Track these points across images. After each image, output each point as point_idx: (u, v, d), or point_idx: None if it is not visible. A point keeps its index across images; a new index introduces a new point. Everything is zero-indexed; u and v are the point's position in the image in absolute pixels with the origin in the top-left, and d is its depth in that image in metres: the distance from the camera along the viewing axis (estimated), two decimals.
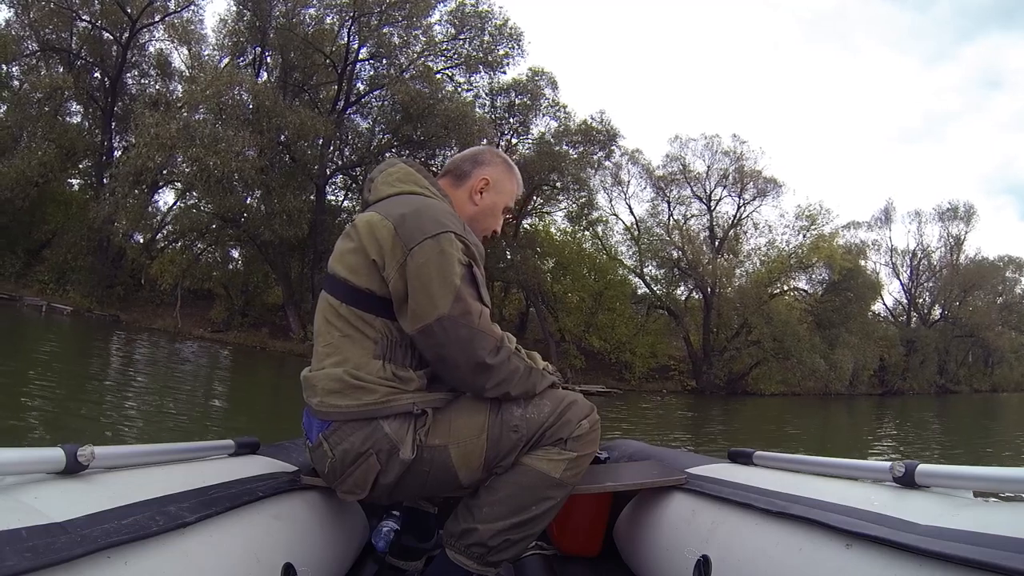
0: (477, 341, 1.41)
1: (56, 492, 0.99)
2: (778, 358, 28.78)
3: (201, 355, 20.68)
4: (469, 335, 1.40)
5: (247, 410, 12.08)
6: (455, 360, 1.41)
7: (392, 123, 25.55)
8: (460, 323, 1.39)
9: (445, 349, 1.40)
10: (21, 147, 24.54)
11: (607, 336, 29.06)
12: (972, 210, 41.56)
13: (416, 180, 1.59)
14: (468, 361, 1.41)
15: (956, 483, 1.15)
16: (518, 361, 1.49)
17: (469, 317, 1.40)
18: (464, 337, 1.40)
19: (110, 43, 26.69)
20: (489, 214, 1.69)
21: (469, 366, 1.41)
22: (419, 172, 1.62)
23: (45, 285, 25.62)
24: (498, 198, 1.70)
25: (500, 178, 1.71)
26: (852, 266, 31.73)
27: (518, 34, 25.88)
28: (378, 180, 1.61)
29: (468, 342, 1.40)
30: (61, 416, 8.62)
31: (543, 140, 28.31)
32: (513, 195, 1.74)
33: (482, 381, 1.43)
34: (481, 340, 1.41)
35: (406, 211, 1.45)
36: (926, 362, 38.82)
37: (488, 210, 1.69)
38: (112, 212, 21.72)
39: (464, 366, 1.42)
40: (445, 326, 1.38)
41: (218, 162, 20.08)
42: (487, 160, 1.72)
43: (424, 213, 1.45)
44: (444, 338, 1.39)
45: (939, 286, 41.53)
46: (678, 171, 32.86)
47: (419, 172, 1.62)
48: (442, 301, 1.38)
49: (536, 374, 1.53)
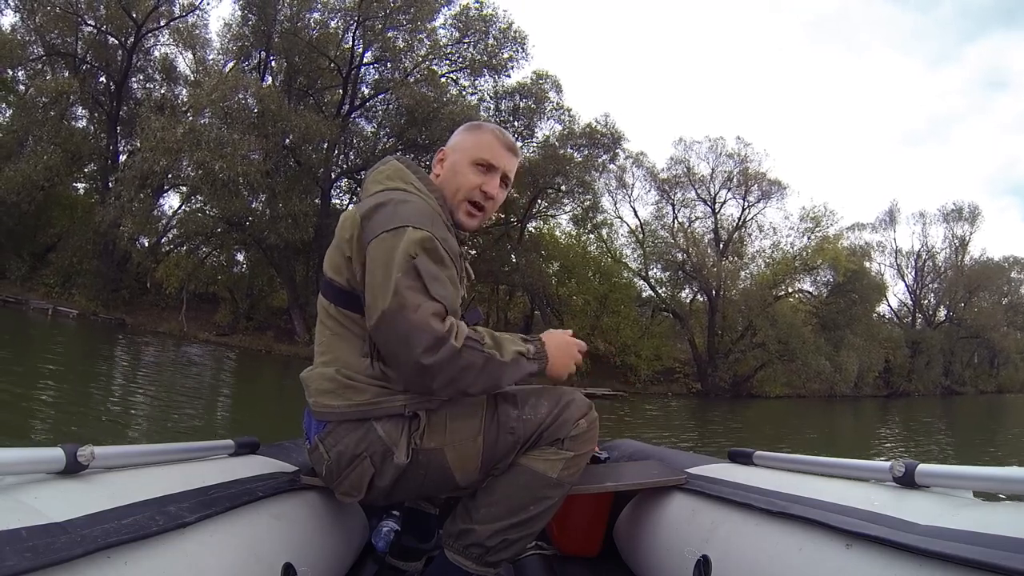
0: (413, 338, 1.30)
1: (56, 492, 1.00)
2: (783, 360, 28.65)
3: (206, 358, 20.68)
4: (406, 331, 1.30)
5: (250, 412, 12.09)
6: (397, 358, 1.34)
7: (397, 127, 25.55)
8: (397, 317, 1.30)
9: (390, 346, 1.34)
10: (27, 151, 24.62)
11: (612, 339, 28.94)
12: (977, 211, 41.32)
13: (403, 176, 1.56)
14: (407, 360, 1.31)
15: (956, 483, 1.15)
16: (472, 356, 1.35)
17: (404, 312, 1.30)
18: (401, 333, 1.31)
19: (115, 48, 26.69)
20: (451, 175, 1.60)
21: (409, 366, 1.32)
22: (410, 169, 1.59)
23: (50, 288, 25.63)
24: (457, 156, 1.62)
25: (457, 140, 1.66)
26: (857, 268, 31.62)
27: (522, 37, 25.80)
28: (369, 178, 1.60)
29: (405, 339, 1.30)
30: (66, 417, 8.65)
31: (548, 143, 28.24)
32: (480, 145, 1.62)
33: (426, 381, 1.33)
34: (417, 336, 1.29)
35: (373, 206, 1.43)
36: (931, 364, 38.58)
37: (448, 171, 1.61)
38: (118, 216, 21.75)
39: (405, 365, 1.33)
40: (387, 321, 1.31)
41: (224, 166, 20.10)
42: (452, 135, 1.70)
43: (388, 208, 1.42)
44: (388, 335, 1.33)
45: (944, 287, 41.24)
46: (682, 174, 32.70)
47: (410, 169, 1.59)
48: (382, 296, 1.32)
49: (497, 367, 1.40)
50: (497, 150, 1.62)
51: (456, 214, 1.60)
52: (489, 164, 1.61)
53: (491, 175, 1.62)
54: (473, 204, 1.61)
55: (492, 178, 1.62)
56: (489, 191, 1.61)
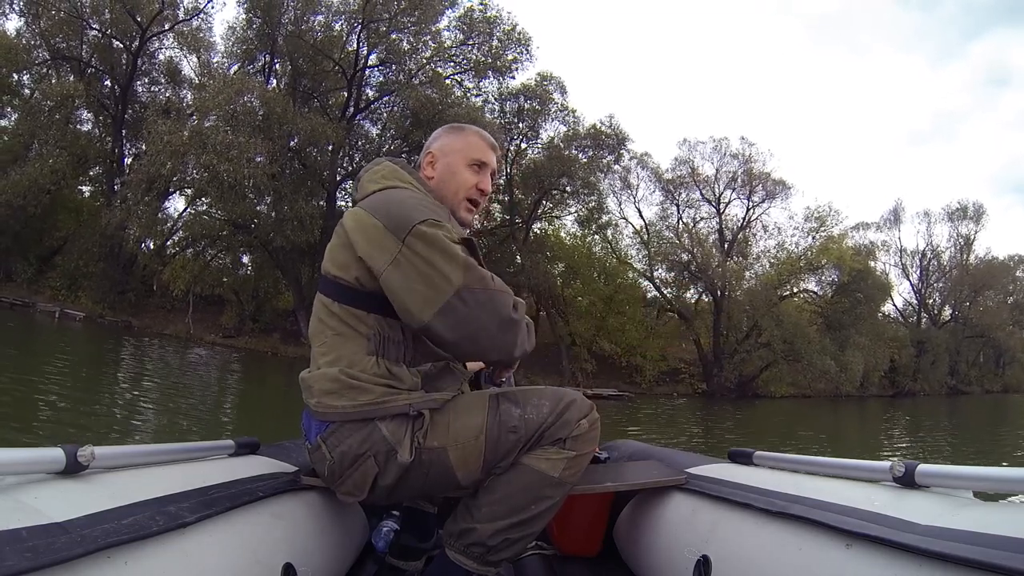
0: (499, 299, 1.42)
1: (56, 492, 1.00)
2: (788, 360, 28.56)
3: (212, 360, 20.75)
4: (490, 296, 1.41)
5: (257, 413, 12.13)
6: (484, 324, 1.41)
7: (402, 129, 25.52)
8: (478, 289, 1.40)
9: (472, 318, 1.39)
10: (32, 155, 24.72)
11: (618, 340, 28.96)
12: (982, 210, 41.03)
13: (399, 176, 1.62)
14: (495, 321, 1.41)
15: (956, 483, 1.15)
16: (525, 316, 1.51)
17: (484, 281, 1.41)
18: (486, 300, 1.40)
19: (120, 51, 26.77)
20: (448, 177, 1.69)
21: (496, 325, 1.41)
22: (403, 168, 1.66)
23: (57, 291, 25.71)
24: (451, 158, 1.70)
25: (445, 143, 1.73)
26: (862, 267, 31.45)
27: (526, 39, 25.77)
28: (364, 178, 1.65)
29: (491, 303, 1.41)
30: (72, 417, 8.68)
31: (553, 144, 28.21)
32: (471, 147, 1.72)
33: (511, 338, 1.44)
34: (502, 298, 1.43)
35: (390, 204, 1.48)
36: (937, 363, 38.32)
37: (444, 173, 1.69)
38: (124, 219, 21.81)
39: (493, 327, 1.41)
40: (464, 296, 1.38)
41: (230, 168, 20.13)
42: (433, 137, 1.78)
43: (407, 203, 1.48)
44: (468, 309, 1.39)
45: (949, 286, 40.98)
46: (687, 174, 32.67)
47: (403, 168, 1.66)
48: (455, 274, 1.38)
49: (533, 330, 1.55)
50: (486, 150, 1.73)
51: (457, 212, 1.68)
52: (481, 163, 1.72)
53: (484, 173, 1.72)
54: (470, 201, 1.71)
55: (485, 175, 1.73)
56: (484, 188, 1.72)
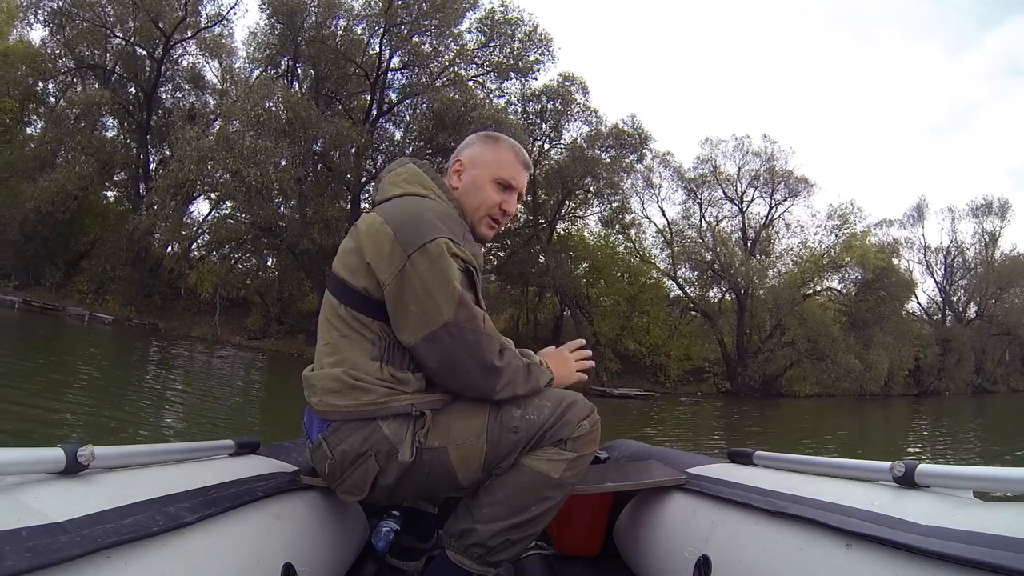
0: (484, 344, 1.41)
1: (56, 492, 1.00)
2: (812, 359, 28.32)
3: (237, 362, 21.00)
4: (476, 339, 1.40)
5: (279, 414, 12.20)
6: (465, 365, 1.41)
7: (425, 131, 25.64)
8: (466, 328, 1.39)
9: (454, 355, 1.40)
10: (59, 162, 25.21)
11: (642, 339, 28.94)
12: (1007, 205, 40.18)
13: (422, 181, 1.58)
14: (477, 365, 1.41)
15: (956, 483, 1.14)
16: (517, 360, 1.49)
17: (474, 321, 1.40)
18: (471, 341, 1.40)
19: (144, 59, 27.26)
20: (472, 191, 1.62)
21: (478, 370, 1.41)
22: (427, 173, 1.61)
23: (84, 295, 26.22)
24: (478, 172, 1.63)
25: (475, 153, 1.66)
26: (885, 265, 31.18)
27: (548, 40, 25.87)
28: (386, 179, 1.61)
29: (476, 346, 1.40)
30: (92, 418, 8.84)
31: (576, 145, 28.31)
32: (502, 164, 1.64)
33: (492, 384, 1.43)
34: (488, 343, 1.41)
35: (406, 214, 1.44)
36: (962, 361, 37.57)
37: (469, 186, 1.63)
38: (152, 223, 22.18)
39: (474, 370, 1.41)
40: (452, 332, 1.38)
41: (256, 173, 20.35)
42: (466, 143, 1.71)
43: (423, 217, 1.43)
44: (452, 344, 1.39)
45: (974, 283, 40.30)
46: (709, 173, 32.59)
47: (427, 173, 1.61)
48: (446, 307, 1.37)
49: (536, 370, 1.53)
50: (517, 169, 1.66)
51: (477, 227, 1.63)
52: (509, 184, 1.65)
53: (510, 194, 1.66)
54: (492, 219, 1.65)
55: (511, 196, 1.66)
56: (508, 210, 1.66)
